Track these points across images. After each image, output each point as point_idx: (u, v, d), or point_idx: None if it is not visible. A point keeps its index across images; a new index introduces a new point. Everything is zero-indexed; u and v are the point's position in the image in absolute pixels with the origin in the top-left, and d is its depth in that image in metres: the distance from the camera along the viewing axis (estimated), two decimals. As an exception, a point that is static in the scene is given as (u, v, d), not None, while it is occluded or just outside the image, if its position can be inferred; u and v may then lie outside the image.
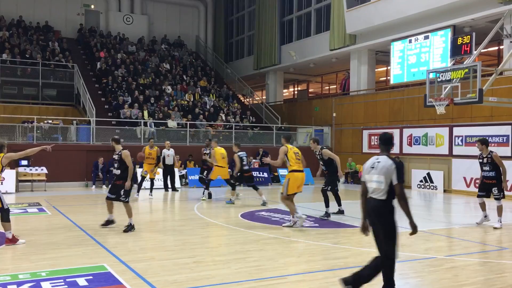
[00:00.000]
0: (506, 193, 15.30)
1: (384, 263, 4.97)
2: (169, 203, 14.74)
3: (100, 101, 22.57)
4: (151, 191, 15.06)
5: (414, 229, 4.90)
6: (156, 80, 25.60)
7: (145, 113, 21.46)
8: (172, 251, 7.41)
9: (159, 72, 26.60)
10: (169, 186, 16.90)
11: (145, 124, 20.45)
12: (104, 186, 17.97)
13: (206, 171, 15.44)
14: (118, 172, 8.90)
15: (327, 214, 10.84)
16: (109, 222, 9.09)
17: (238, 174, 13.60)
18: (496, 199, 9.75)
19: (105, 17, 30.25)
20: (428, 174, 18.12)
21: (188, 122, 21.40)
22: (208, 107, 24.50)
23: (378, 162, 4.96)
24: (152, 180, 15.27)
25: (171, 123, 21.31)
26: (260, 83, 31.45)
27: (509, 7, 15.72)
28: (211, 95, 26.11)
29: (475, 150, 16.39)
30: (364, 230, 5.10)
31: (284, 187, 9.47)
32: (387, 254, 4.93)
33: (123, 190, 8.74)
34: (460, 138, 17.01)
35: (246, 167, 13.65)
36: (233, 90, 28.88)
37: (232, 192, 13.63)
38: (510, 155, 15.38)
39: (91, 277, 5.76)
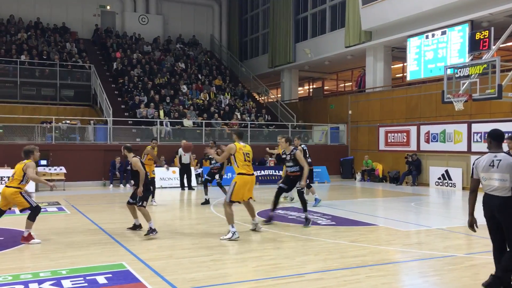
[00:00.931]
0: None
1: None
2: (186, 202, 14.81)
3: (117, 101, 22.78)
4: (153, 196, 13.00)
5: None
6: (172, 79, 25.73)
7: (161, 112, 21.59)
8: (189, 249, 7.45)
9: (175, 72, 26.74)
10: (186, 185, 16.98)
11: (161, 123, 20.58)
12: (121, 185, 18.14)
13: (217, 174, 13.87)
14: (133, 181, 9.08)
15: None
16: (136, 227, 9.03)
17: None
18: None
19: (121, 18, 30.50)
20: (447, 171, 17.90)
21: (203, 121, 21.48)
22: (223, 105, 24.55)
23: (499, 160, 5.01)
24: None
25: (187, 122, 21.41)
26: (275, 81, 31.41)
27: (528, 0, 15.44)
28: (226, 93, 26.16)
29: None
30: (472, 226, 5.31)
31: (228, 192, 8.29)
32: None
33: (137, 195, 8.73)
34: (479, 134, 16.75)
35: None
36: (248, 88, 28.89)
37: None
38: (530, 151, 15.11)
39: (110, 275, 5.82)
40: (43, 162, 17.17)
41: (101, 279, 5.65)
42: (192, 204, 14.18)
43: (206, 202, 13.00)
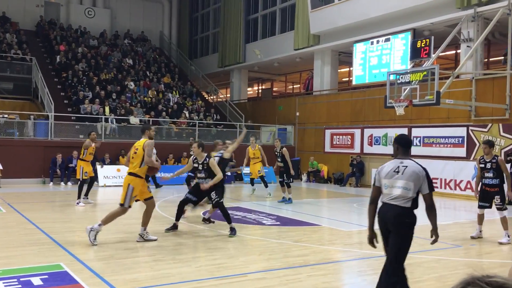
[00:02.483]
0: (460, 192, 15.94)
1: (392, 281, 4.52)
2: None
3: (59, 95, 21.96)
4: (86, 194, 12.60)
5: (437, 237, 4.63)
6: (118, 75, 25.13)
7: (107, 109, 21.03)
8: (132, 249, 7.31)
9: (122, 68, 26.12)
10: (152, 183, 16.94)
11: (106, 120, 20.04)
12: (62, 183, 17.50)
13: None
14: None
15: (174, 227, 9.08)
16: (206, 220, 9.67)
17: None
18: (498, 209, 8.52)
19: (66, 10, 29.44)
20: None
21: (150, 119, 21.12)
22: (171, 104, 24.25)
23: (405, 166, 4.51)
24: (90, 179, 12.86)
25: (133, 120, 20.97)
26: (224, 81, 31.38)
27: (466, 12, 16.28)
28: (174, 92, 25.86)
29: (432, 151, 16.94)
30: (372, 242, 4.68)
31: (127, 197, 7.69)
32: (394, 268, 4.51)
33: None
34: (418, 139, 17.48)
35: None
36: (197, 87, 28.70)
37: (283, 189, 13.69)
38: (465, 155, 15.97)
39: (46, 276, 5.60)
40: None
41: (36, 281, 5.43)
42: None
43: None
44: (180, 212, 8.93)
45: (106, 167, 17.43)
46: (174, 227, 8.90)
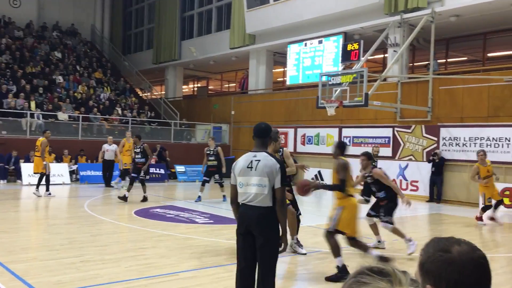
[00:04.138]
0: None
1: (267, 282, 4.04)
2: (58, 200, 13.90)
3: (-20, 89, 20.60)
4: (37, 187, 13.31)
5: (286, 245, 4.20)
6: (46, 69, 23.98)
7: (32, 104, 20.01)
8: (57, 250, 7.03)
9: (50, 61, 24.95)
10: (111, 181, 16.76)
11: (32, 115, 19.06)
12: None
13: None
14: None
15: None
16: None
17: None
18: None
19: (-12, -2, 27.67)
20: (319, 172, 19.09)
21: (80, 115, 20.34)
22: (103, 100, 23.50)
23: (258, 160, 4.04)
24: (45, 175, 13.43)
25: (62, 116, 20.10)
26: (159, 78, 30.85)
27: (393, 18, 17.08)
28: (106, 87, 25.08)
29: (361, 150, 17.55)
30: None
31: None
32: (266, 273, 4.03)
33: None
34: (348, 138, 18.14)
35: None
36: (130, 83, 28.01)
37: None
38: (391, 155, 16.79)
39: (-39, 281, 5.27)
40: None
41: (-49, 286, 5.09)
42: (64, 203, 13.36)
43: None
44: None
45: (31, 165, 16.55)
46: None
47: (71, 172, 17.89)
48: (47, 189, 13.51)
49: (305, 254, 7.31)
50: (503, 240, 9.76)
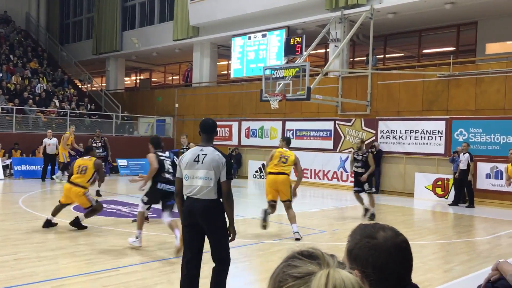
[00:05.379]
0: (327, 181, 17.18)
1: (223, 268, 4.30)
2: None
3: None
4: None
5: (234, 235, 4.35)
6: (-24, 58, 22.63)
7: (-39, 95, 18.84)
8: (-10, 249, 6.70)
9: (-20, 50, 23.56)
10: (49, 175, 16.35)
11: (-39, 107, 17.97)
12: None
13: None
14: None
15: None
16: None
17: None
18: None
19: None
20: (263, 165, 19.27)
21: (14, 107, 19.37)
22: (39, 91, 22.48)
23: (204, 154, 4.22)
24: None
25: (-6, 108, 19.08)
26: (99, 69, 29.90)
27: (334, 14, 17.48)
28: (42, 78, 24.01)
29: (303, 143, 17.99)
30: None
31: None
32: (223, 258, 4.30)
33: None
34: (292, 131, 18.44)
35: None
36: (69, 74, 26.99)
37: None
38: (332, 148, 17.24)
39: None
40: None
41: None
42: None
43: None
44: None
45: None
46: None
47: (5, 167, 17.06)
48: None
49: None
50: (435, 227, 10.32)
